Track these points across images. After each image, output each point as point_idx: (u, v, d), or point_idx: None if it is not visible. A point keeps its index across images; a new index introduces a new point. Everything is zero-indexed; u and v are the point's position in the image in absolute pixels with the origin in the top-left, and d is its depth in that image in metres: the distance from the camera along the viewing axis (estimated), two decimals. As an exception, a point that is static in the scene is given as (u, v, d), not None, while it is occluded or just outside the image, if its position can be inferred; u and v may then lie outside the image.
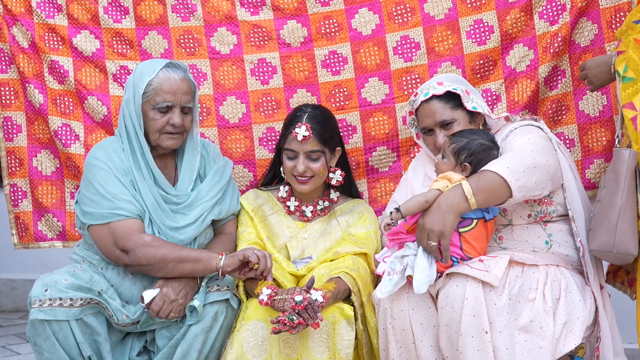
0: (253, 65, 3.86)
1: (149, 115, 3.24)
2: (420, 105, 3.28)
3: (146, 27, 3.89)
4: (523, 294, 2.89)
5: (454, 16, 3.73)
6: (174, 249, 3.12)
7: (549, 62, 3.66)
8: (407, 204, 2.95)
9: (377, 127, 3.83)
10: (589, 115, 3.68)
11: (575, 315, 2.93)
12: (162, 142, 3.27)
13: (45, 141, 3.97)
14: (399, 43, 3.78)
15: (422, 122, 3.30)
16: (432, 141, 3.28)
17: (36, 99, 3.91)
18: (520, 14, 3.67)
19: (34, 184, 3.98)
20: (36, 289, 3.05)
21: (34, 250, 4.52)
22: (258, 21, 3.86)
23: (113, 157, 3.24)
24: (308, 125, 3.25)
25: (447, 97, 3.24)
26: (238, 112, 3.87)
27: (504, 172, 2.89)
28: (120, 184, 3.20)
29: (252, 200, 3.40)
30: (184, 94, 3.25)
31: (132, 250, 3.10)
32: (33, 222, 3.98)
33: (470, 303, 2.80)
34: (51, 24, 3.89)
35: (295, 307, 2.89)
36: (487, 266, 2.87)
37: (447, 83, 3.27)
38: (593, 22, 3.63)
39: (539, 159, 2.98)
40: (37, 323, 3.03)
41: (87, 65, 3.91)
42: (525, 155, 2.97)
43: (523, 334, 2.84)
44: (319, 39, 3.83)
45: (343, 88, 3.83)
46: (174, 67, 3.29)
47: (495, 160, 2.98)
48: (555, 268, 3.00)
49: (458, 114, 3.23)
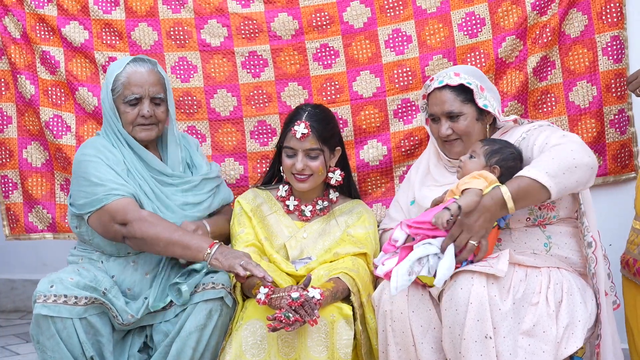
0: (244, 58, 3.86)
1: (121, 109, 3.28)
2: (433, 92, 3.27)
3: (136, 19, 3.88)
4: (526, 298, 2.87)
5: (446, 9, 3.73)
6: (168, 230, 3.11)
7: (538, 52, 3.67)
8: (467, 200, 2.87)
9: (368, 121, 3.83)
10: (579, 107, 3.69)
11: (576, 318, 2.91)
12: (136, 135, 3.30)
13: (36, 133, 3.97)
14: (390, 36, 3.78)
15: (431, 109, 3.29)
16: (436, 129, 3.27)
17: (27, 90, 3.91)
18: (511, 5, 3.67)
19: (24, 176, 3.98)
20: (42, 284, 3.05)
21: (34, 250, 4.59)
22: (249, 13, 3.85)
23: (102, 150, 3.26)
24: (307, 123, 3.24)
25: (460, 90, 3.21)
26: (229, 105, 3.87)
27: (542, 178, 2.83)
28: (112, 171, 3.21)
29: (250, 200, 3.39)
30: (152, 85, 3.28)
31: (130, 223, 3.11)
32: (24, 213, 3.99)
33: (475, 307, 2.77)
34: (41, 14, 3.88)
35: (291, 304, 2.87)
36: (490, 263, 2.86)
37: (464, 75, 3.23)
38: (583, 13, 3.64)
39: (580, 157, 2.88)
40: (41, 320, 3.01)
41: (77, 56, 3.90)
42: (565, 156, 2.87)
43: (526, 338, 2.82)
44: (310, 32, 3.83)
45: (334, 81, 3.82)
46: (141, 61, 3.32)
47: (534, 165, 2.88)
48: (557, 270, 2.98)
49: (467, 109, 3.20)
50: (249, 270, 2.94)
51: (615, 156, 3.68)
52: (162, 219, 3.17)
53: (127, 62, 3.30)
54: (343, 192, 3.44)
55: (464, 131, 3.21)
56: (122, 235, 3.15)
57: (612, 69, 3.63)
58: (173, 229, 3.13)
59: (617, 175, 3.71)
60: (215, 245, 3.05)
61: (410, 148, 3.81)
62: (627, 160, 3.68)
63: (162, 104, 3.32)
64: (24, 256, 4.95)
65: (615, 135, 3.66)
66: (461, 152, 3.21)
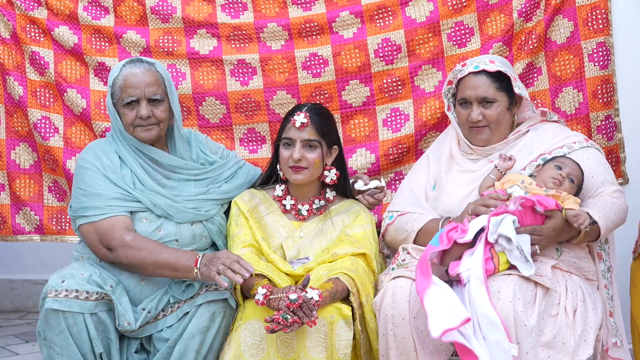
0: (232, 66, 3.87)
1: (120, 112, 3.28)
2: (467, 76, 3.29)
3: (125, 27, 3.89)
4: (547, 310, 2.88)
5: (435, 19, 3.78)
6: (153, 254, 3.09)
7: (524, 59, 3.72)
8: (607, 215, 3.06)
9: (358, 130, 3.85)
10: (566, 113, 3.72)
11: (589, 325, 2.93)
12: (137, 135, 3.29)
13: (24, 134, 3.95)
14: (380, 46, 3.81)
15: (463, 93, 3.30)
16: (466, 114, 3.28)
17: (16, 91, 3.89)
18: (499, 15, 3.73)
19: (12, 177, 3.95)
20: (53, 279, 3.02)
21: (33, 251, 4.60)
22: (238, 24, 3.88)
23: (101, 156, 3.27)
24: (307, 114, 3.25)
25: (496, 77, 3.26)
26: (218, 113, 3.87)
27: (603, 229, 3.03)
28: (108, 183, 3.22)
29: (247, 201, 3.37)
30: (148, 85, 3.26)
31: (115, 249, 3.13)
32: (11, 215, 3.96)
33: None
34: (31, 16, 3.89)
35: (289, 306, 2.85)
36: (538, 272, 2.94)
37: (499, 64, 3.27)
38: (569, 20, 3.70)
39: (625, 216, 3.17)
40: (52, 315, 2.97)
41: (68, 58, 3.90)
42: (620, 218, 3.13)
43: (546, 350, 2.83)
44: (299, 41, 3.86)
45: (323, 90, 3.84)
46: (138, 62, 3.31)
47: (602, 213, 3.06)
48: (570, 276, 3.02)
49: (500, 97, 3.25)
50: (227, 276, 2.93)
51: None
52: (148, 242, 3.15)
53: (123, 64, 3.30)
54: (339, 192, 3.44)
55: (495, 119, 3.25)
56: (109, 260, 3.16)
57: (599, 75, 3.68)
58: (159, 251, 3.11)
59: (604, 182, 3.72)
60: (199, 261, 3.04)
61: (398, 156, 3.83)
62: (615, 167, 3.70)
63: (161, 104, 3.30)
64: (24, 256, 5.00)
65: (603, 142, 3.70)
66: (487, 139, 3.28)
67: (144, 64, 3.30)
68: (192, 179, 3.35)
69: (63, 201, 3.95)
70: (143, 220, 3.24)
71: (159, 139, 3.34)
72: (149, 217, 3.24)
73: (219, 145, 3.57)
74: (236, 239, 3.28)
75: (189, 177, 3.35)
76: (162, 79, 3.32)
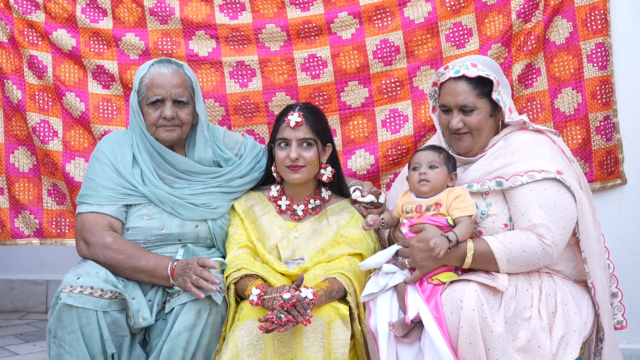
0: (232, 67, 3.87)
1: (144, 111, 3.31)
2: (447, 81, 3.10)
3: (124, 29, 3.89)
4: (519, 314, 2.85)
5: (434, 19, 3.78)
6: (131, 259, 3.14)
7: (523, 60, 3.72)
8: (463, 233, 2.92)
9: (357, 131, 3.85)
10: (565, 114, 3.73)
11: (571, 328, 2.89)
12: (158, 135, 3.32)
13: (23, 138, 3.95)
14: (378, 47, 3.81)
15: (443, 99, 3.14)
16: (446, 120, 3.13)
17: (14, 95, 3.89)
18: (498, 15, 3.73)
19: (11, 181, 3.95)
20: (68, 277, 3.05)
21: (33, 251, 4.57)
22: (237, 25, 3.88)
23: (116, 149, 3.31)
24: (301, 113, 3.26)
25: (477, 82, 3.06)
26: (217, 115, 3.87)
27: (502, 264, 2.89)
28: (113, 176, 3.25)
29: (243, 202, 3.39)
30: (175, 86, 3.29)
31: (92, 245, 3.17)
32: (10, 218, 3.96)
33: (466, 331, 2.76)
34: (29, 19, 3.88)
35: (283, 305, 2.86)
36: (493, 277, 2.87)
37: (482, 67, 3.08)
38: (568, 20, 3.70)
39: (542, 260, 2.91)
40: (65, 312, 2.98)
41: (66, 61, 3.90)
42: (532, 261, 2.91)
43: (522, 354, 2.81)
44: (298, 42, 3.86)
45: (322, 91, 3.84)
46: (166, 62, 3.35)
47: (504, 242, 2.89)
48: (548, 277, 2.96)
49: (481, 103, 3.08)
50: (201, 286, 2.98)
51: (601, 163, 3.72)
52: (128, 245, 3.18)
53: (151, 63, 3.33)
54: (334, 191, 3.44)
55: (475, 126, 3.08)
56: (83, 255, 3.20)
57: (598, 76, 3.69)
58: (137, 257, 3.15)
59: (603, 182, 3.74)
60: (175, 271, 3.09)
61: (397, 157, 3.83)
62: (613, 167, 3.71)
63: (186, 106, 3.32)
64: (23, 257, 5.03)
65: (601, 142, 3.70)
66: (468, 147, 3.12)
67: (172, 65, 3.33)
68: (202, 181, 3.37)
69: (62, 204, 3.96)
70: (144, 217, 3.25)
71: (179, 141, 3.36)
72: (150, 214, 3.25)
73: (237, 138, 3.56)
74: (232, 240, 3.30)
75: (200, 180, 3.37)
76: (189, 82, 3.34)
